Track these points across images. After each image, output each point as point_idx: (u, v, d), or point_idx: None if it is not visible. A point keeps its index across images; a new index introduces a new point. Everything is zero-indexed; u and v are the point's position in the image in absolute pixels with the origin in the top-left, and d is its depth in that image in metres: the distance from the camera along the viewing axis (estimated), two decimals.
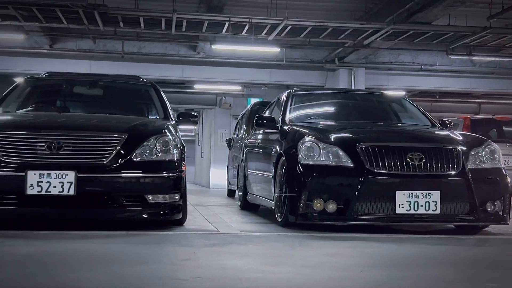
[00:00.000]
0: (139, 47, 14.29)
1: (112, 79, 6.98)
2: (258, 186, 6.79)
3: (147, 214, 4.84)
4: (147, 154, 4.91)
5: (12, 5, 9.92)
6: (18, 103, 6.12)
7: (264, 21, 11.48)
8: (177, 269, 3.08)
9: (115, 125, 5.18)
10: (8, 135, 4.76)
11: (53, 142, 4.69)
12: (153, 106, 6.39)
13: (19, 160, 4.65)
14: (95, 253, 3.62)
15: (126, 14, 10.99)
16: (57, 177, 4.57)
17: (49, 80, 6.70)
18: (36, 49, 13.99)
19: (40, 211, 4.70)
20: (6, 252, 3.52)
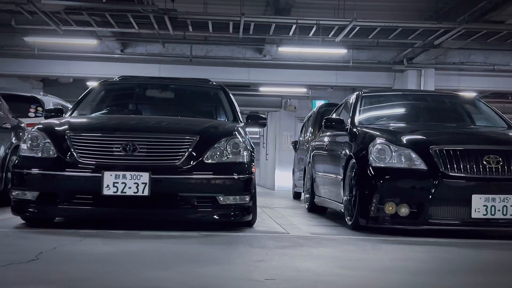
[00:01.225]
0: (206, 51, 14.50)
1: (183, 82, 7.11)
2: (326, 189, 6.74)
3: (217, 215, 4.89)
4: (217, 156, 4.97)
5: (87, 11, 10.27)
6: (93, 106, 6.31)
7: (332, 22, 11.42)
8: (252, 270, 3.10)
9: (187, 127, 5.27)
10: (85, 137, 4.92)
11: (128, 144, 4.80)
12: (223, 108, 6.46)
13: (95, 162, 4.78)
14: (170, 252, 3.68)
15: (195, 18, 11.17)
16: (132, 178, 4.68)
17: (122, 84, 6.88)
18: (107, 54, 14.43)
19: (115, 211, 4.82)
20: (86, 251, 3.64)
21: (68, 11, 10.37)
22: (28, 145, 4.93)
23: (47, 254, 3.39)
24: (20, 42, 13.76)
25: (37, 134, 4.94)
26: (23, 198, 4.81)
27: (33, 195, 4.78)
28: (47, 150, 4.86)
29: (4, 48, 14.26)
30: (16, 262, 3.06)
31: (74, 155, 4.78)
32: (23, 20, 11.73)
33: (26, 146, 4.94)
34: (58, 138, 4.89)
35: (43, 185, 4.81)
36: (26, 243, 3.90)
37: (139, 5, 9.71)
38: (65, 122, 5.19)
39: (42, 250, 3.47)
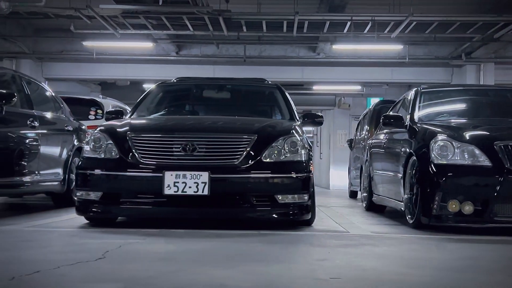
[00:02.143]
0: (260, 51, 14.53)
1: (239, 82, 7.15)
2: (385, 187, 6.64)
3: (276, 214, 4.88)
4: (275, 155, 4.97)
5: (143, 14, 10.45)
6: (151, 108, 6.41)
7: (387, 18, 11.25)
8: (315, 269, 3.08)
9: (245, 126, 5.29)
10: (146, 138, 5.00)
11: (188, 144, 4.86)
12: (279, 107, 6.46)
13: (156, 162, 4.85)
14: (232, 251, 3.70)
15: (249, 18, 11.21)
16: (192, 178, 4.72)
17: (180, 85, 6.97)
18: (163, 56, 14.66)
19: (176, 210, 4.88)
20: (150, 250, 3.70)
21: (125, 14, 10.58)
22: (91, 146, 5.05)
23: (112, 252, 3.46)
24: (79, 46, 14.13)
25: (100, 136, 5.06)
26: (87, 199, 4.94)
27: (97, 195, 4.89)
28: (110, 151, 4.96)
29: (64, 53, 14.68)
30: (84, 261, 3.14)
31: (135, 156, 4.86)
32: (81, 25, 12.05)
33: (89, 147, 5.07)
34: (120, 139, 4.99)
35: (106, 186, 4.92)
36: (92, 242, 3.99)
37: (194, 7, 9.82)
38: (126, 124, 5.29)
39: (108, 249, 3.55)
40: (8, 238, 4.13)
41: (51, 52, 14.66)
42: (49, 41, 14.53)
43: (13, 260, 3.14)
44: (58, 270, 2.85)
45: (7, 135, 5.83)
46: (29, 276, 2.67)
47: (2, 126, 5.73)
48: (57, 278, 2.68)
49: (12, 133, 5.96)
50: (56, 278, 2.68)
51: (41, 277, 2.68)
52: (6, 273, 2.74)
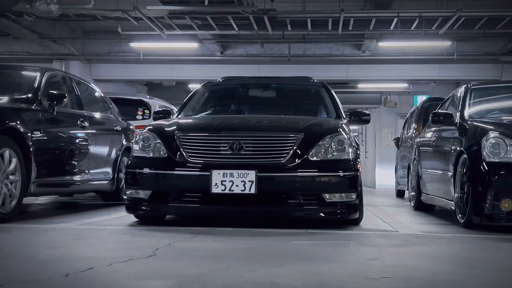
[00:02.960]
0: (304, 49, 14.48)
1: (284, 80, 7.15)
2: (434, 186, 6.53)
3: (324, 212, 4.85)
4: (322, 153, 4.93)
5: (189, 15, 10.55)
6: (198, 107, 6.45)
7: (435, 14, 11.04)
8: (366, 268, 3.04)
9: (292, 125, 5.28)
10: (193, 137, 5.04)
11: (235, 143, 4.87)
12: (325, 105, 6.42)
13: (204, 161, 4.88)
14: (280, 249, 3.70)
15: (294, 17, 11.18)
16: (239, 176, 4.74)
17: (226, 84, 7.00)
18: (208, 56, 14.76)
19: (223, 208, 4.90)
20: (199, 247, 3.72)
21: (171, 15, 10.70)
22: (140, 145, 5.12)
23: (163, 250, 3.50)
24: (126, 48, 14.36)
25: (149, 135, 5.13)
26: (136, 197, 5.01)
27: (146, 194, 4.96)
28: (158, 150, 5.02)
29: (111, 54, 14.94)
30: (135, 258, 3.18)
31: (183, 155, 4.91)
32: (129, 27, 12.24)
33: (138, 146, 5.14)
34: (168, 139, 5.05)
35: (155, 184, 4.98)
36: (142, 240, 4.05)
37: (240, 7, 9.85)
38: (174, 123, 5.35)
39: (158, 247, 3.59)
40: (61, 236, 4.22)
41: (99, 53, 14.94)
42: (97, 43, 14.82)
43: (66, 257, 3.21)
44: (110, 267, 2.90)
45: (58, 135, 5.97)
46: (83, 273, 2.72)
47: (53, 126, 5.87)
48: (110, 275, 2.72)
49: (63, 133, 6.10)
50: (109, 275, 2.72)
51: (95, 274, 2.73)
52: (60, 270, 2.80)
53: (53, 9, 9.39)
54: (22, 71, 6.51)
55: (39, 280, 2.54)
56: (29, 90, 5.79)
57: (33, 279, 2.56)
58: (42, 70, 6.24)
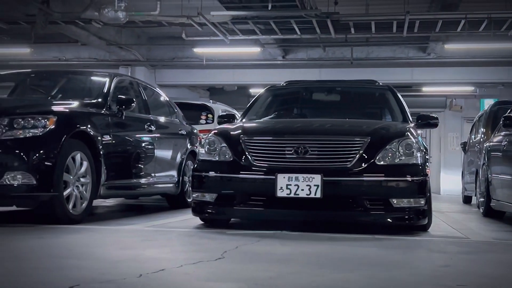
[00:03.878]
0: (367, 52, 14.31)
1: (349, 84, 7.07)
2: (505, 192, 6.30)
3: (391, 218, 4.76)
4: (389, 158, 4.85)
5: (252, 20, 10.60)
6: (261, 111, 6.46)
7: (505, 15, 10.68)
8: (439, 275, 2.96)
9: (358, 129, 5.22)
10: (259, 141, 5.05)
11: (300, 147, 4.85)
12: (391, 109, 6.31)
13: (269, 164, 4.88)
14: (348, 255, 3.65)
15: (358, 20, 11.06)
16: (304, 180, 4.71)
17: (289, 88, 6.98)
18: (270, 61, 14.79)
19: (288, 212, 4.89)
20: (267, 251, 3.72)
21: (235, 20, 10.79)
22: (206, 149, 5.17)
23: (231, 253, 3.51)
24: (190, 53, 14.58)
25: (214, 139, 5.17)
26: (202, 200, 5.06)
27: (212, 197, 5.00)
28: (224, 153, 5.06)
29: (175, 60, 15.20)
30: (205, 260, 3.21)
31: (248, 158, 4.92)
32: (192, 32, 12.41)
33: (204, 150, 5.19)
34: (233, 142, 5.08)
35: (220, 187, 5.01)
36: (210, 242, 4.08)
37: (303, 10, 9.83)
38: (238, 127, 5.37)
39: (226, 249, 3.61)
40: (130, 237, 4.31)
41: (164, 59, 15.23)
42: (162, 49, 15.11)
43: (137, 258, 3.27)
44: (181, 268, 2.94)
45: (126, 138, 6.10)
46: (155, 274, 2.76)
47: (122, 130, 6.01)
48: (182, 277, 2.75)
49: (131, 137, 6.24)
50: (181, 276, 2.75)
51: (167, 275, 2.76)
52: (133, 270, 2.85)
53: (121, 16, 9.64)
54: (92, 77, 6.70)
55: (113, 280, 2.59)
56: (99, 95, 5.96)
57: (107, 279, 2.61)
58: (111, 75, 6.41)
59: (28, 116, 4.80)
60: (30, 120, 4.78)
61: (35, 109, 5.02)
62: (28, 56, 14.65)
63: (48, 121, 4.84)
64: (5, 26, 11.86)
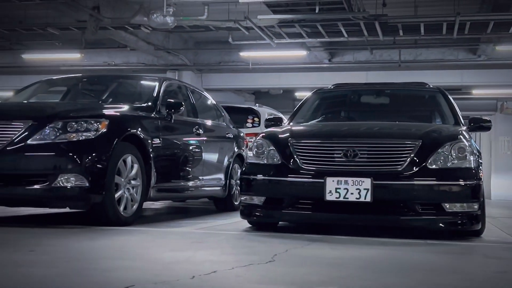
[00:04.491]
0: (415, 55, 14.09)
1: (398, 87, 6.97)
2: None
3: (443, 223, 4.67)
4: (442, 161, 4.76)
5: (298, 23, 10.58)
6: (309, 114, 6.43)
7: None
8: (497, 282, 2.88)
9: (408, 132, 5.14)
10: (307, 144, 5.03)
11: (349, 150, 4.81)
12: (442, 111, 6.20)
13: (317, 168, 4.85)
14: (400, 260, 3.58)
15: (406, 21, 10.90)
16: (354, 184, 4.67)
17: (337, 91, 6.93)
18: (315, 64, 14.72)
19: (337, 216, 4.84)
20: (316, 255, 3.69)
21: (281, 24, 10.78)
22: (254, 152, 5.18)
23: (281, 256, 3.50)
24: (236, 57, 14.66)
25: (262, 142, 5.17)
26: (250, 203, 5.06)
27: (260, 200, 5.00)
28: (272, 157, 5.05)
29: (222, 64, 15.30)
30: (255, 263, 3.20)
31: (297, 162, 4.91)
32: (239, 37, 12.47)
33: (253, 153, 5.20)
34: (281, 145, 5.07)
35: (269, 191, 5.01)
36: (259, 245, 4.07)
37: (350, 13, 9.75)
38: (286, 130, 5.36)
39: (276, 252, 3.60)
40: (181, 239, 4.35)
41: (210, 63, 15.36)
42: (208, 53, 15.24)
43: (189, 260, 3.29)
44: (233, 271, 2.94)
45: (175, 142, 6.17)
46: (207, 276, 2.77)
47: (171, 134, 6.07)
48: (234, 279, 2.76)
49: (179, 140, 6.30)
50: (233, 279, 2.76)
51: (219, 277, 2.77)
52: (185, 272, 2.87)
53: (169, 21, 9.76)
54: (142, 81, 6.81)
55: (167, 281, 2.61)
56: (148, 99, 6.04)
57: (161, 280, 2.64)
58: (160, 79, 6.50)
59: (81, 120, 4.90)
60: (83, 124, 4.88)
61: (87, 113, 5.13)
62: (79, 61, 15.00)
63: (100, 125, 4.93)
64: (57, 32, 12.16)
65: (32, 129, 4.78)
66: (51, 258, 3.22)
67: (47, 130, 4.79)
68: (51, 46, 14.17)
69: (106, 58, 15.49)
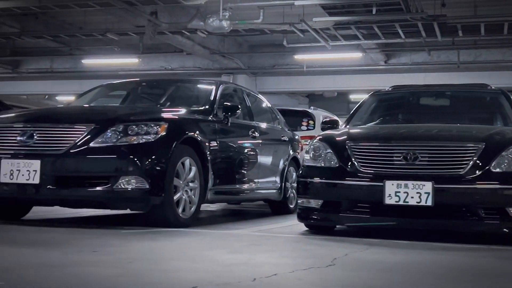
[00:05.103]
0: (475, 56, 13.76)
1: (458, 88, 6.81)
2: None
3: (507, 228, 4.52)
4: (506, 165, 4.61)
5: (354, 24, 10.50)
6: (366, 117, 6.36)
7: None
8: None
9: (471, 134, 5.02)
10: (365, 146, 4.97)
11: (409, 153, 4.72)
12: (504, 114, 6.01)
13: (376, 171, 4.78)
14: (464, 265, 3.49)
15: (466, 22, 10.66)
16: (414, 188, 4.58)
17: (395, 93, 6.82)
18: (371, 66, 14.58)
19: (397, 220, 4.76)
20: (376, 259, 3.64)
21: (337, 26, 10.73)
22: (311, 155, 5.15)
23: (340, 260, 3.47)
24: (290, 60, 14.67)
25: (319, 145, 5.14)
26: (307, 206, 5.03)
27: (317, 203, 4.96)
28: (329, 159, 5.01)
29: (276, 67, 15.35)
30: (315, 267, 3.18)
31: (355, 164, 4.85)
32: (293, 40, 12.48)
33: (309, 156, 5.17)
34: (338, 148, 5.02)
35: (326, 194, 4.98)
36: (318, 249, 4.05)
37: (408, 14, 9.60)
38: (344, 133, 5.31)
39: (335, 256, 3.57)
40: (239, 242, 4.36)
41: (264, 66, 15.42)
42: (263, 56, 15.31)
43: (249, 262, 3.30)
44: (293, 274, 2.93)
45: (231, 145, 6.21)
46: (268, 278, 2.77)
47: (227, 137, 6.11)
48: (294, 282, 2.74)
49: (236, 143, 6.33)
50: (294, 282, 2.74)
51: (280, 280, 2.77)
52: (246, 274, 2.88)
53: (225, 25, 9.86)
54: (199, 85, 6.89)
55: (229, 283, 2.62)
56: (206, 102, 6.10)
57: (223, 282, 2.65)
58: (217, 83, 6.55)
59: (141, 123, 4.99)
60: (143, 127, 4.96)
61: (147, 116, 5.21)
62: (136, 66, 15.32)
63: (159, 128, 5.01)
64: (115, 37, 12.46)
65: (94, 132, 4.89)
66: (114, 258, 3.29)
67: (109, 133, 4.89)
68: (110, 51, 14.54)
69: (162, 63, 15.77)
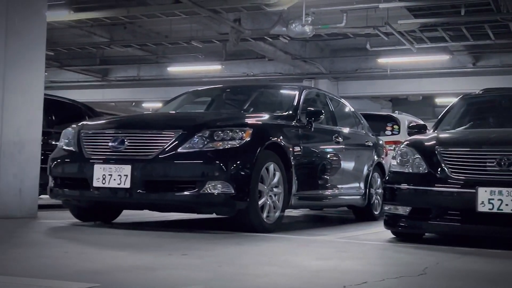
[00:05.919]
0: None
1: None
2: None
3: None
4: None
5: (441, 26, 10.20)
6: (455, 121, 6.15)
7: None
8: None
9: None
10: (456, 152, 4.80)
11: (503, 159, 4.52)
12: None
13: (467, 177, 4.61)
14: None
15: None
16: (509, 195, 4.36)
17: (486, 97, 6.57)
18: (458, 69, 14.12)
19: (490, 229, 4.56)
20: (471, 269, 3.50)
21: (423, 28, 10.46)
22: (398, 160, 5.03)
23: (432, 269, 3.35)
24: (373, 64, 14.44)
25: (407, 150, 5.01)
26: (395, 213, 4.91)
27: (405, 210, 4.83)
28: (417, 165, 4.87)
29: (358, 71, 15.15)
30: (406, 275, 3.09)
31: (445, 170, 4.69)
32: (376, 43, 12.28)
33: (396, 161, 5.05)
34: (427, 154, 4.87)
35: (414, 201, 4.84)
36: (407, 257, 3.94)
37: (498, 14, 9.23)
38: (432, 138, 5.16)
39: (426, 265, 3.45)
40: (325, 248, 4.32)
41: (346, 71, 15.26)
42: (345, 61, 15.16)
43: (337, 269, 3.25)
44: (384, 282, 2.86)
45: (315, 150, 6.16)
46: (358, 286, 2.72)
47: (311, 142, 6.07)
48: None
49: (319, 148, 6.28)
50: None
51: None
52: (335, 281, 2.84)
53: (307, 30, 9.84)
54: (282, 90, 6.90)
55: None
56: (289, 107, 6.10)
57: None
58: (300, 88, 6.54)
59: (227, 129, 5.04)
60: (229, 133, 5.02)
61: (232, 122, 5.26)
62: (219, 72, 15.56)
63: (244, 133, 5.04)
64: (200, 45, 12.72)
65: (182, 138, 4.99)
66: (203, 262, 3.33)
67: (196, 139, 4.97)
68: (194, 59, 14.85)
69: (245, 69, 15.94)
